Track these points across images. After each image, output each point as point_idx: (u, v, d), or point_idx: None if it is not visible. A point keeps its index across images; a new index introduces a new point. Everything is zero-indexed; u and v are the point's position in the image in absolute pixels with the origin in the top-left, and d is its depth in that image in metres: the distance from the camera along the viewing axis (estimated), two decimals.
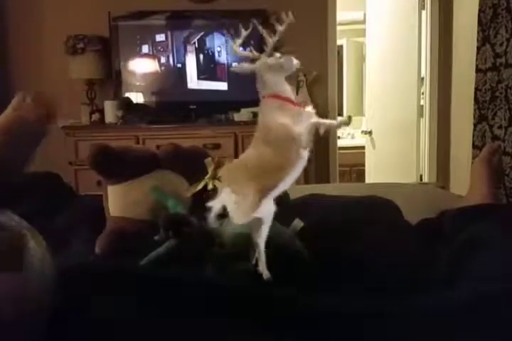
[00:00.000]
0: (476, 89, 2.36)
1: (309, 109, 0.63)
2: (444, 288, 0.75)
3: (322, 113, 2.69)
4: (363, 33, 3.85)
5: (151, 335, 0.57)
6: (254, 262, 0.78)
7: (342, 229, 0.96)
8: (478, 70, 2.34)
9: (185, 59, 2.98)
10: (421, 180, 3.35)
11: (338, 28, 3.23)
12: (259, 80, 0.64)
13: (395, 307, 0.63)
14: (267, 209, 0.66)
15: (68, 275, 0.62)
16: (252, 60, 0.65)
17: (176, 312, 0.61)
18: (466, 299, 0.64)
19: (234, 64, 2.93)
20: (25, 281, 0.51)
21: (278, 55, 0.65)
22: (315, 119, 0.63)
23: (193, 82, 2.99)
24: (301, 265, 0.79)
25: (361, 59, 4.30)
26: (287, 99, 0.62)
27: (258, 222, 0.67)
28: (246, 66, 0.65)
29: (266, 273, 0.68)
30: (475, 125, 2.38)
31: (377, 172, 3.70)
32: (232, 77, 2.93)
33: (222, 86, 2.97)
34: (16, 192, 1.25)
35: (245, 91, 0.68)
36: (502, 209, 1.11)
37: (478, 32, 2.31)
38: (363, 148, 3.89)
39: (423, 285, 0.77)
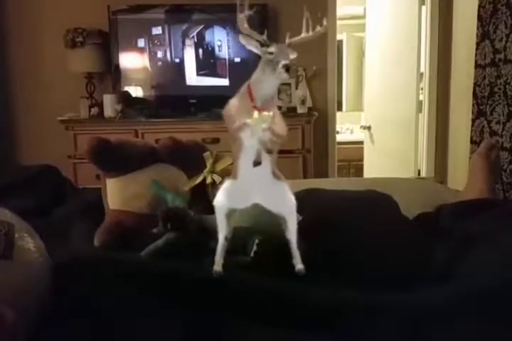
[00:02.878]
0: (475, 84, 2.36)
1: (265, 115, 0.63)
2: (440, 281, 0.76)
3: (321, 108, 2.68)
4: (363, 27, 3.84)
5: (149, 327, 0.57)
6: (252, 255, 0.79)
7: (340, 223, 0.97)
8: (477, 66, 2.33)
9: (183, 53, 2.97)
10: (419, 174, 3.36)
11: (338, 22, 3.22)
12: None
13: (392, 301, 0.63)
14: (290, 201, 0.67)
15: (68, 267, 0.63)
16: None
17: (174, 305, 0.61)
18: (462, 293, 0.64)
19: (236, 59, 2.92)
20: (22, 278, 0.52)
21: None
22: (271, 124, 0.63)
23: (193, 78, 2.98)
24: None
25: (361, 54, 4.29)
26: (250, 94, 0.63)
27: (283, 219, 0.68)
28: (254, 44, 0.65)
29: (300, 266, 0.68)
30: (473, 120, 2.38)
31: (375, 167, 3.70)
32: (232, 72, 2.92)
33: (223, 82, 2.96)
34: (14, 185, 1.25)
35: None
36: (499, 203, 1.12)
37: (477, 27, 2.31)
38: (362, 143, 3.89)
39: (420, 278, 0.77)
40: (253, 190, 0.66)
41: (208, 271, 0.70)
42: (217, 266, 0.66)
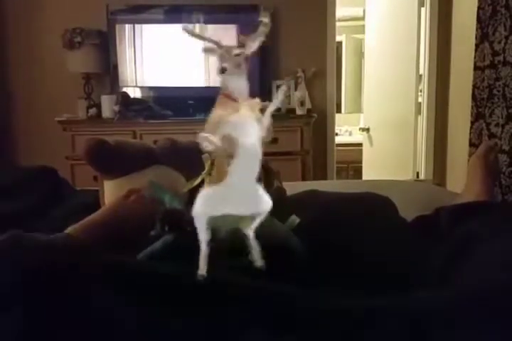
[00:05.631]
0: (474, 86, 2.36)
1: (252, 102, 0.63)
2: (440, 283, 0.76)
3: (320, 110, 2.68)
4: (362, 29, 3.84)
5: (147, 330, 0.57)
6: (249, 257, 0.78)
7: (338, 225, 0.96)
8: (476, 68, 2.34)
9: (182, 54, 2.96)
10: (417, 177, 3.36)
11: (338, 24, 3.22)
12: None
13: (391, 303, 0.63)
14: (267, 203, 0.65)
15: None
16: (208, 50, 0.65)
17: (173, 308, 0.61)
18: (462, 295, 0.64)
19: None
20: None
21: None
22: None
23: (191, 79, 2.98)
24: (297, 261, 0.79)
25: (360, 55, 4.29)
26: (228, 96, 0.62)
27: (254, 216, 0.66)
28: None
29: (259, 263, 0.66)
30: (472, 122, 2.38)
31: (374, 169, 3.70)
32: None
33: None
34: (12, 185, 1.24)
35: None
36: (497, 206, 1.12)
37: (476, 29, 2.31)
38: (361, 145, 3.89)
39: (417, 281, 0.77)
40: (234, 196, 0.64)
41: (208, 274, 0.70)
42: (202, 270, 0.65)
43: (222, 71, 0.60)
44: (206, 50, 0.63)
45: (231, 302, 0.63)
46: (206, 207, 0.63)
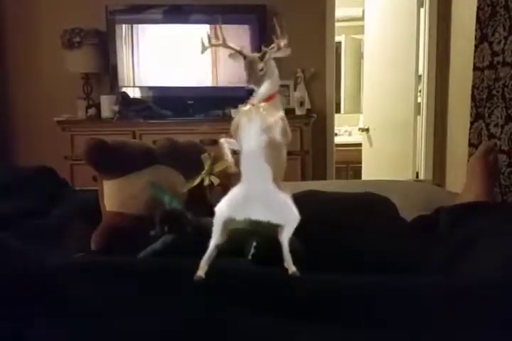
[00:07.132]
0: (473, 87, 2.36)
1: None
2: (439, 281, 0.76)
3: (320, 110, 2.68)
4: (361, 29, 3.84)
5: (147, 324, 0.57)
6: (250, 257, 0.78)
7: (338, 225, 0.96)
8: (475, 68, 2.34)
9: (181, 54, 2.96)
10: (417, 177, 3.36)
11: (337, 24, 3.22)
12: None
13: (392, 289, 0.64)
14: (293, 213, 0.68)
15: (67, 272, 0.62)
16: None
17: (174, 301, 0.61)
18: (461, 291, 0.64)
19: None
20: None
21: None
22: None
23: (191, 79, 2.97)
24: (296, 260, 0.79)
25: (359, 56, 4.29)
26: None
27: (283, 225, 0.69)
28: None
29: (293, 269, 0.69)
30: (471, 123, 2.38)
31: (373, 170, 3.70)
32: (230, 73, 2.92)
33: (221, 83, 2.95)
34: (11, 186, 1.24)
35: (243, 87, 0.69)
36: (496, 207, 1.12)
37: (476, 30, 2.31)
38: (360, 145, 3.89)
39: (417, 280, 0.77)
40: (254, 199, 0.66)
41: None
42: (201, 271, 0.65)
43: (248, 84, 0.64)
44: (232, 57, 0.68)
45: (231, 292, 0.63)
46: (227, 208, 0.65)
